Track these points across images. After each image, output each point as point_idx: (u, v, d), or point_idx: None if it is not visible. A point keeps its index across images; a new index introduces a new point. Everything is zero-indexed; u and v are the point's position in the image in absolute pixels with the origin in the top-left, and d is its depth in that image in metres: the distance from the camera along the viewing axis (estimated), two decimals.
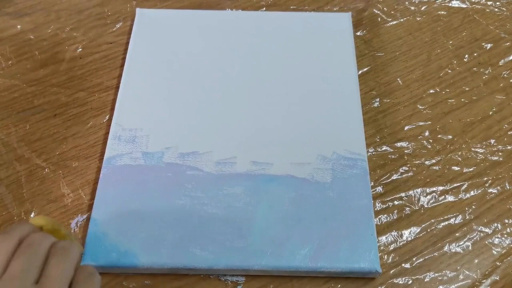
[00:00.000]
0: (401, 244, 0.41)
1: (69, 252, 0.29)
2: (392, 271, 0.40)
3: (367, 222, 0.40)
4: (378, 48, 0.52)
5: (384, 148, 0.46)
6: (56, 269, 0.28)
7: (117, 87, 0.48)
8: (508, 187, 0.44)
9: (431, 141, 0.46)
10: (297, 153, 0.43)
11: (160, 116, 0.46)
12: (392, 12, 0.55)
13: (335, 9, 0.55)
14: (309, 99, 0.47)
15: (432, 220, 0.42)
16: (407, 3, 0.56)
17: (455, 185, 0.44)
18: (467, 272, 0.39)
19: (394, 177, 0.44)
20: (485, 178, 0.44)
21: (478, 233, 0.41)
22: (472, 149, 0.46)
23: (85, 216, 0.41)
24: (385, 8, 0.55)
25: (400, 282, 0.39)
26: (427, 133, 0.46)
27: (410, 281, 0.39)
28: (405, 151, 0.45)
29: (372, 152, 0.45)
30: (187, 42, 0.51)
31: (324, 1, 0.56)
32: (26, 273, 0.28)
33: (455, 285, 0.39)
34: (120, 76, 0.49)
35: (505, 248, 0.41)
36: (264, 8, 0.55)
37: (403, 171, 0.44)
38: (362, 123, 0.45)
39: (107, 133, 0.45)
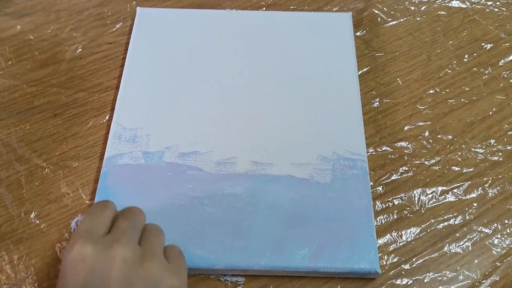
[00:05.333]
0: (401, 244, 0.41)
1: (161, 232, 0.35)
2: (392, 271, 0.39)
3: (367, 223, 0.40)
4: (378, 48, 0.52)
5: (384, 148, 0.46)
6: (157, 239, 0.33)
7: (117, 87, 0.48)
8: (508, 188, 0.44)
9: (431, 141, 0.46)
10: (297, 153, 0.43)
11: (161, 116, 0.46)
12: (392, 12, 0.55)
13: (335, 9, 0.55)
14: (309, 99, 0.47)
15: (432, 221, 0.42)
16: (407, 3, 0.56)
17: (455, 185, 0.44)
18: (467, 273, 0.39)
19: (394, 177, 0.44)
20: (485, 178, 0.44)
21: (478, 233, 0.41)
22: (472, 149, 0.46)
23: None
24: (385, 8, 0.55)
25: (400, 282, 0.39)
26: (427, 133, 0.46)
27: (410, 282, 0.39)
28: (405, 151, 0.45)
29: (372, 152, 0.45)
30: (187, 41, 0.51)
31: (324, 1, 0.56)
32: (133, 230, 0.32)
33: (455, 285, 0.39)
34: (120, 76, 0.49)
35: (505, 248, 0.41)
36: (264, 8, 0.55)
37: (403, 171, 0.44)
38: (362, 123, 0.45)
39: (107, 133, 0.45)
